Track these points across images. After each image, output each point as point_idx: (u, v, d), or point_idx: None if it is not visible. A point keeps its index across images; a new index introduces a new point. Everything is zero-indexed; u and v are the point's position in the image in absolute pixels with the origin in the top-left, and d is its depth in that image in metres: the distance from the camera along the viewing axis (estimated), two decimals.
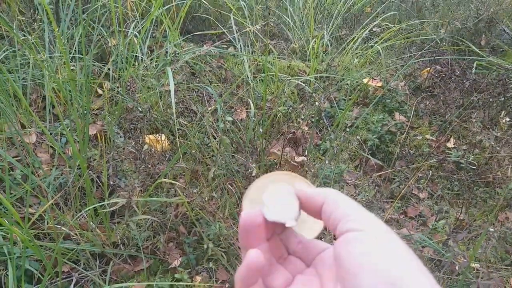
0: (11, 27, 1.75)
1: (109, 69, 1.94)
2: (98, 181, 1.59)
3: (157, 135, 1.78)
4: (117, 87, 1.90)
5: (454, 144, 2.15)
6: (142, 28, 1.90)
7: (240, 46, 2.28)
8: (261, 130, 1.50)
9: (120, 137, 1.74)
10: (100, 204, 1.39)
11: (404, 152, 2.01)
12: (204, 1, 2.46)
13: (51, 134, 1.70)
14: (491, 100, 2.23)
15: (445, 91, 2.42)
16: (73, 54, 1.91)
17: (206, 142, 1.68)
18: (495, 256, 1.66)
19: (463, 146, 2.00)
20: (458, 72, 2.46)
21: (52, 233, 1.39)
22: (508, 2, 3.23)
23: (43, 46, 1.91)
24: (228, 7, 2.56)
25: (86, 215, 1.47)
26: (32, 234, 1.33)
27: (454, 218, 1.80)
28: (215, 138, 1.69)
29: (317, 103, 1.70)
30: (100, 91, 2.06)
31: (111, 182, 1.55)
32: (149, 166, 1.55)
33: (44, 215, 1.45)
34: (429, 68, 2.48)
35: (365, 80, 2.37)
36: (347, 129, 2.10)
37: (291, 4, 2.88)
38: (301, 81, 2.07)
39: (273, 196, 0.39)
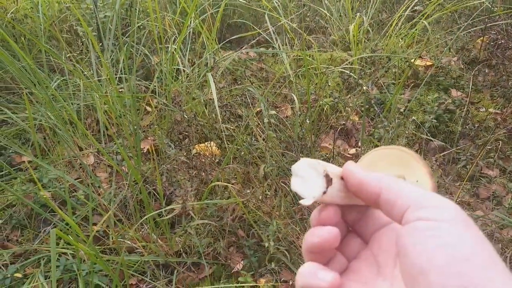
0: (61, 58, 1.85)
1: (154, 86, 1.99)
2: (155, 193, 1.62)
3: (207, 143, 1.79)
4: (164, 101, 1.95)
5: None
6: (179, 40, 1.93)
7: (278, 45, 2.26)
8: (308, 121, 1.46)
9: (172, 148, 1.77)
10: (158, 211, 1.41)
11: (467, 128, 1.87)
12: (240, 1, 2.47)
13: (107, 153, 1.77)
14: None
15: (504, 60, 2.24)
16: (120, 75, 1.98)
17: (254, 143, 1.66)
18: None
19: None
20: None
21: (117, 248, 1.43)
22: None
23: (92, 72, 2.01)
24: (261, 9, 2.55)
25: (147, 227, 1.50)
26: (98, 250, 1.37)
27: None
28: (263, 139, 1.67)
29: (364, 88, 1.62)
30: (148, 109, 2.13)
31: (167, 192, 1.57)
32: (202, 173, 1.56)
33: (108, 231, 1.50)
34: (482, 37, 2.31)
35: (413, 60, 2.25)
36: (402, 112, 2.00)
37: None
38: (345, 70, 2.01)
39: (308, 166, 0.36)
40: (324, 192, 0.34)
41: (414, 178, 0.40)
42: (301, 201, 0.35)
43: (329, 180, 0.34)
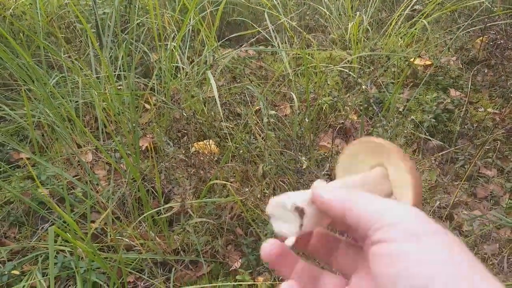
0: (60, 55, 1.84)
1: (153, 83, 1.99)
2: (154, 191, 1.62)
3: (205, 141, 1.79)
4: (163, 99, 1.95)
5: None
6: (178, 37, 1.93)
7: (278, 43, 2.26)
8: (306, 119, 1.46)
9: (170, 146, 1.77)
10: (157, 209, 1.41)
11: (465, 127, 1.87)
12: (239, 0, 2.47)
13: (105, 151, 1.77)
14: None
15: (503, 60, 2.24)
16: (118, 72, 1.98)
17: (253, 142, 1.66)
18: None
19: None
20: None
21: (115, 245, 1.43)
22: None
23: (90, 70, 2.00)
24: (261, 7, 2.55)
25: (146, 224, 1.50)
26: (96, 248, 1.37)
27: None
28: (262, 138, 1.67)
29: (364, 87, 1.63)
30: (147, 106, 2.12)
31: (166, 190, 1.57)
32: (201, 171, 1.56)
33: (106, 228, 1.50)
34: (481, 37, 2.31)
35: (412, 59, 2.25)
36: (401, 111, 2.00)
37: None
38: (344, 69, 2.01)
39: (279, 206, 0.36)
40: (301, 225, 0.34)
41: (393, 166, 0.40)
42: (285, 242, 0.35)
43: (301, 211, 0.34)
